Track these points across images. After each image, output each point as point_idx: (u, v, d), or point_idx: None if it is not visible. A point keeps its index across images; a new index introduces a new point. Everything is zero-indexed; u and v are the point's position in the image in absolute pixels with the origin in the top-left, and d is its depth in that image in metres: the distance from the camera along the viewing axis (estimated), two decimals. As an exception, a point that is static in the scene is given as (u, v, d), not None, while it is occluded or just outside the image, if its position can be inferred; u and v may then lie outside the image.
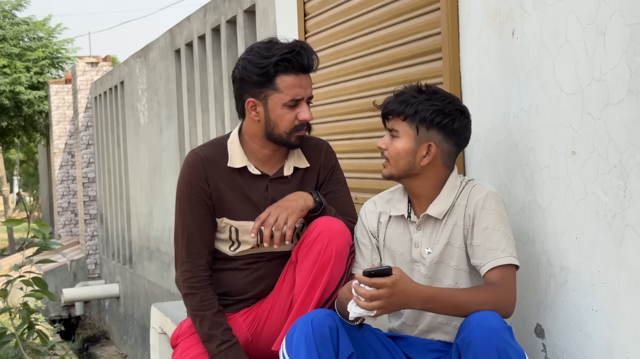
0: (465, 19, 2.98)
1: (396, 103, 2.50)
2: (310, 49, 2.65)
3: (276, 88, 2.61)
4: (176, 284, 2.77)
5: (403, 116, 2.48)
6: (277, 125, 2.64)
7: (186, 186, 2.73)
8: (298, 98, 2.62)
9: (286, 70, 2.59)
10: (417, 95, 2.49)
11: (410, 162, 2.49)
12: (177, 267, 2.76)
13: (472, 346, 2.17)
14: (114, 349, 12.60)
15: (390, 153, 2.52)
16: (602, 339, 2.38)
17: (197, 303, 2.69)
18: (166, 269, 9.26)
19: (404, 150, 2.49)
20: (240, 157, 2.72)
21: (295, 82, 2.61)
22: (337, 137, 4.01)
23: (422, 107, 2.46)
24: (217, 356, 2.64)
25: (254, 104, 2.66)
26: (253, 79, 2.63)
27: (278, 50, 2.60)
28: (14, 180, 38.88)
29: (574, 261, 2.48)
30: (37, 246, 3.59)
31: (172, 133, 8.69)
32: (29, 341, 3.73)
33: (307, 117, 2.64)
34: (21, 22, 20.00)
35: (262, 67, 2.60)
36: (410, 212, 2.57)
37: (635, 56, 2.19)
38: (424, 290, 2.28)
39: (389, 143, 2.52)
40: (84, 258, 14.12)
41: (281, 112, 2.63)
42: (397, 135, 2.50)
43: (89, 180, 14.25)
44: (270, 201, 2.69)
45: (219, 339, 2.65)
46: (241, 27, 6.54)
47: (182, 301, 2.80)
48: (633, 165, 2.22)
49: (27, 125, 19.65)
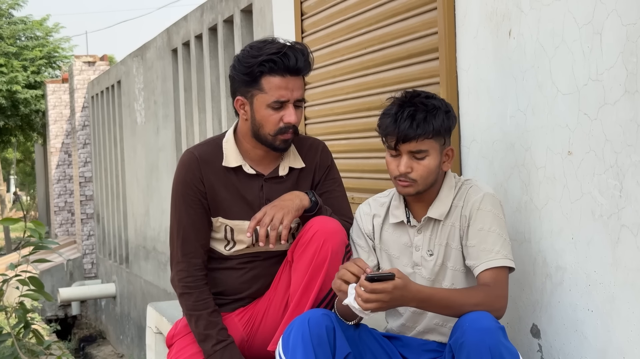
0: (462, 19, 2.98)
1: (421, 125, 2.38)
2: (302, 51, 2.61)
3: (261, 89, 2.59)
4: (172, 284, 2.77)
5: (431, 134, 2.39)
6: (262, 126, 2.63)
7: (181, 186, 2.72)
8: (282, 100, 2.59)
9: (271, 71, 2.57)
10: (424, 107, 2.40)
11: (436, 174, 2.47)
12: (172, 267, 2.76)
13: (465, 346, 2.17)
14: (110, 348, 12.60)
15: (419, 174, 2.43)
16: (598, 339, 2.38)
17: (193, 303, 2.69)
18: (162, 269, 9.26)
19: (435, 166, 2.44)
20: (235, 157, 2.71)
21: (280, 84, 2.58)
22: (333, 137, 4.01)
23: (441, 117, 2.40)
24: (213, 355, 2.64)
25: (243, 103, 2.66)
26: (240, 78, 2.63)
27: (266, 50, 2.58)
28: (11, 179, 38.84)
29: (570, 261, 2.48)
30: (34, 245, 3.58)
31: (169, 132, 8.69)
32: (24, 341, 3.72)
33: (292, 119, 2.60)
34: (18, 21, 19.98)
35: (248, 67, 2.59)
36: (409, 217, 2.56)
37: (631, 56, 2.19)
38: (421, 290, 2.27)
39: (414, 165, 2.43)
40: (80, 258, 14.11)
41: (265, 113, 2.61)
42: (425, 154, 2.42)
43: (85, 179, 14.23)
44: (265, 201, 2.69)
45: (214, 339, 2.64)
46: (238, 27, 6.53)
47: (178, 301, 2.79)
48: (629, 165, 2.22)
49: (24, 125, 19.63)
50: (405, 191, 2.47)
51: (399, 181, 2.46)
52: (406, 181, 2.45)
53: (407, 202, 2.57)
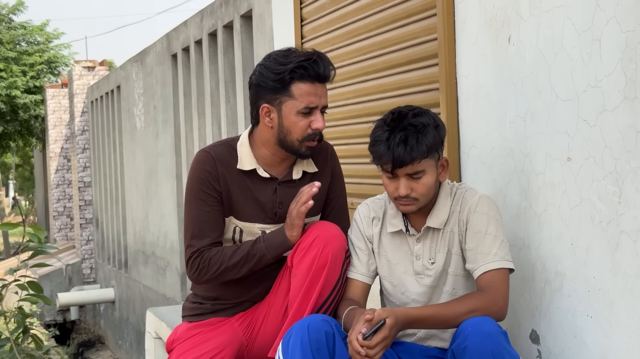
0: (462, 25, 2.99)
1: (414, 149, 2.37)
2: (328, 60, 2.66)
3: (291, 95, 2.61)
4: (191, 278, 2.71)
5: (426, 154, 2.40)
6: (289, 132, 2.64)
7: (197, 182, 2.70)
8: (312, 106, 2.62)
9: (302, 77, 2.60)
10: (416, 127, 2.40)
11: (436, 187, 2.49)
12: (187, 263, 2.70)
13: (468, 351, 2.18)
14: (109, 353, 12.58)
15: (419, 193, 2.44)
16: (597, 345, 2.38)
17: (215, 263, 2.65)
18: (161, 273, 9.25)
19: (433, 181, 2.45)
20: (249, 160, 2.72)
21: (310, 90, 2.61)
22: (333, 142, 4.00)
23: (432, 134, 2.41)
24: (266, 245, 2.63)
25: (269, 110, 2.66)
26: (269, 85, 2.63)
27: (295, 58, 2.61)
28: (10, 184, 38.83)
29: (569, 267, 2.48)
30: (33, 250, 3.57)
31: (169, 137, 8.69)
32: (23, 346, 3.72)
33: (321, 126, 2.64)
34: (18, 27, 19.99)
35: (278, 73, 2.60)
36: (407, 226, 2.56)
37: (630, 63, 2.20)
38: (410, 314, 2.31)
39: (413, 186, 2.43)
40: (79, 263, 14.10)
41: (295, 119, 2.63)
42: (422, 174, 2.42)
43: (84, 184, 14.23)
44: (279, 204, 2.71)
45: (253, 246, 2.63)
46: (238, 32, 6.54)
47: (178, 306, 2.79)
48: (628, 171, 2.23)
49: (23, 130, 19.62)
50: (407, 209, 2.48)
51: (400, 202, 2.47)
52: (407, 201, 2.46)
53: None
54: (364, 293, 2.62)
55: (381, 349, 2.23)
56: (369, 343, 2.22)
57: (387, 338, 2.24)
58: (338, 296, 2.58)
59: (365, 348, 2.22)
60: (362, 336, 2.23)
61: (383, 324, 2.23)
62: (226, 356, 2.74)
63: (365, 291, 2.62)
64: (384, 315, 2.24)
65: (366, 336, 2.23)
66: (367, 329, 2.24)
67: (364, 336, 2.23)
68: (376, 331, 2.23)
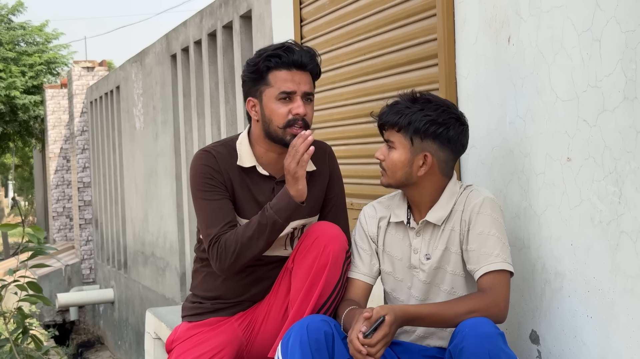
0: (461, 26, 2.99)
1: (390, 114, 2.51)
2: (309, 49, 2.69)
3: (268, 84, 2.65)
4: (217, 270, 2.64)
5: (397, 127, 2.48)
6: (271, 121, 2.65)
7: (200, 177, 2.68)
8: (289, 91, 2.63)
9: (277, 65, 2.63)
10: (410, 105, 2.48)
11: (407, 173, 2.50)
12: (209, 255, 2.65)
13: (465, 352, 2.18)
14: (108, 354, 12.58)
15: (387, 164, 2.52)
16: (597, 345, 2.38)
17: (231, 244, 2.59)
18: (161, 274, 9.25)
19: (400, 161, 2.49)
20: (249, 157, 2.72)
21: (286, 77, 2.63)
22: (333, 143, 4.01)
23: (415, 118, 2.45)
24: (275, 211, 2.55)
25: (254, 104, 2.70)
26: (249, 77, 2.69)
27: (271, 48, 2.67)
28: (9, 184, 38.82)
29: (569, 267, 2.48)
30: (32, 250, 3.58)
31: (168, 138, 8.69)
32: (23, 346, 3.72)
33: (301, 111, 2.63)
34: (17, 27, 19.98)
35: (254, 64, 2.66)
36: (409, 218, 2.57)
37: (630, 63, 2.20)
38: (409, 311, 2.32)
39: (386, 154, 2.52)
40: (78, 263, 14.09)
41: (274, 107, 2.64)
42: (393, 146, 2.50)
43: (84, 184, 14.22)
44: None
45: (262, 216, 2.57)
46: (237, 33, 6.54)
47: (177, 307, 2.79)
48: (628, 171, 2.23)
49: (23, 131, 19.62)
50: (382, 181, 2.57)
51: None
52: (381, 170, 2.55)
53: (410, 204, 2.58)
54: (365, 294, 2.62)
55: (382, 346, 2.23)
56: (370, 341, 2.23)
57: (388, 335, 2.25)
58: (338, 296, 2.58)
59: (367, 346, 2.22)
60: (363, 335, 2.24)
61: (382, 322, 2.24)
62: (226, 356, 2.74)
63: (366, 292, 2.62)
64: (382, 312, 2.25)
65: (366, 334, 2.24)
66: (367, 327, 2.24)
67: (364, 334, 2.24)
68: (376, 329, 2.24)
